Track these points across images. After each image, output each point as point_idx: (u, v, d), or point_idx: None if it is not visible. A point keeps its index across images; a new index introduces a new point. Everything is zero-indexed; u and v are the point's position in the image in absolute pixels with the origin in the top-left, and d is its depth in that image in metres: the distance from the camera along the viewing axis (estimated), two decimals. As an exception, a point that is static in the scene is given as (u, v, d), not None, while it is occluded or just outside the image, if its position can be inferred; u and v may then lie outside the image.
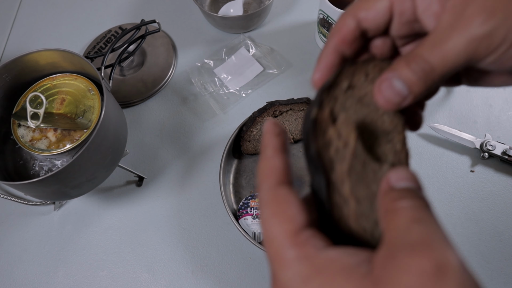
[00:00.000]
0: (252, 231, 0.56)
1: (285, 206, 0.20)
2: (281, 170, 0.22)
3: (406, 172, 0.21)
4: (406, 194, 0.20)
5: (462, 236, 0.57)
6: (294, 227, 0.19)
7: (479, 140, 0.62)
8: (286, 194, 0.21)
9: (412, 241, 0.17)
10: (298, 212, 0.20)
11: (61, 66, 0.57)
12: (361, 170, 0.23)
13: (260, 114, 0.62)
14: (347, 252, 0.19)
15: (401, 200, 0.19)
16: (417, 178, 0.21)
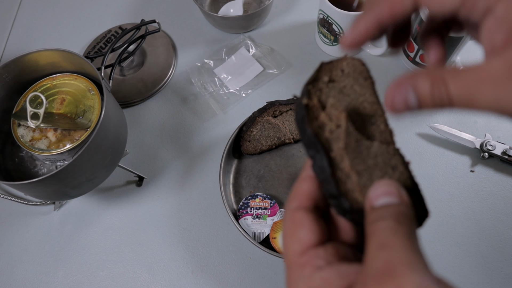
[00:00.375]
0: (252, 231, 0.56)
1: (298, 228, 0.23)
2: (305, 195, 0.25)
3: (384, 187, 0.22)
4: (382, 214, 0.21)
5: (462, 236, 0.57)
6: (301, 247, 0.23)
7: (479, 140, 0.62)
8: (301, 217, 0.24)
9: (378, 267, 0.19)
10: (306, 235, 0.23)
11: (61, 66, 0.57)
12: (356, 147, 0.25)
13: (260, 114, 0.62)
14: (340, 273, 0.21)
15: (375, 223, 0.21)
16: (396, 190, 0.22)
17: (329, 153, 0.25)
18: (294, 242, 0.23)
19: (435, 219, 0.59)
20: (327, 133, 0.25)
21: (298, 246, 0.23)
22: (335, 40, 0.69)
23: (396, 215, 0.21)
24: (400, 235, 0.20)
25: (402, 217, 0.21)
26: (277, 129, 0.62)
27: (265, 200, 0.59)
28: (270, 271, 0.57)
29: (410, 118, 0.66)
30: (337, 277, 0.21)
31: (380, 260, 0.19)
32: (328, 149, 0.25)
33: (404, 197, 0.22)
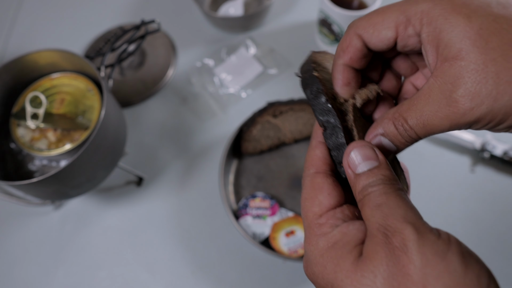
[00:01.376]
0: (252, 231, 0.56)
1: (317, 192, 0.25)
2: (320, 160, 0.26)
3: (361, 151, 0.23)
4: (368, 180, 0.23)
5: (462, 236, 0.57)
6: (320, 210, 0.24)
7: (480, 140, 0.62)
8: (320, 182, 0.25)
9: (378, 226, 0.21)
10: (325, 198, 0.25)
11: (61, 66, 0.57)
12: (359, 121, 0.27)
13: (260, 114, 0.62)
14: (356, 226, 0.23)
15: (364, 190, 0.23)
16: (374, 153, 0.23)
17: (344, 123, 0.26)
18: (314, 205, 0.25)
19: (435, 219, 0.59)
20: (338, 104, 0.27)
21: (318, 209, 0.24)
22: (335, 40, 0.69)
23: (382, 178, 0.22)
24: (391, 195, 0.22)
25: (387, 179, 0.22)
26: (277, 129, 0.62)
27: (265, 200, 0.59)
28: (270, 271, 0.57)
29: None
30: (354, 230, 0.22)
31: (378, 219, 0.21)
32: (342, 119, 0.26)
33: (382, 158, 0.23)
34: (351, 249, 0.22)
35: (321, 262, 0.22)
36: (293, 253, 0.54)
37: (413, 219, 0.20)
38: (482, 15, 0.20)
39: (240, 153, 0.64)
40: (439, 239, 0.20)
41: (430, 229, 0.20)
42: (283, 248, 0.55)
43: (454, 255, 0.19)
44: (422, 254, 0.19)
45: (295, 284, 0.56)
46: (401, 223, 0.20)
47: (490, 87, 0.20)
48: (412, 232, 0.19)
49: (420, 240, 0.19)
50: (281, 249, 0.55)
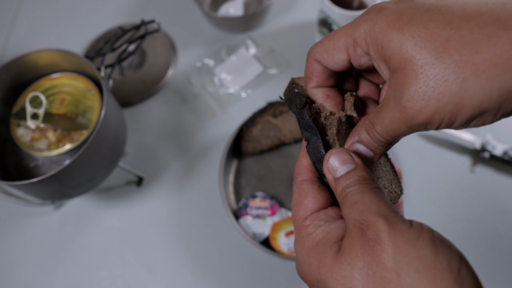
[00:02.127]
0: (252, 231, 0.56)
1: (303, 197, 0.27)
2: (306, 169, 0.28)
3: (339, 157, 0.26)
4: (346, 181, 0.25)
5: (462, 236, 0.57)
6: (305, 213, 0.27)
7: (480, 140, 0.62)
8: (305, 188, 0.28)
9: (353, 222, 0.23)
10: (309, 202, 0.27)
11: (61, 66, 0.57)
12: (345, 133, 0.29)
13: (260, 114, 0.62)
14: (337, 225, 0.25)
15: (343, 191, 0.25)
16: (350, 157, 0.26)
17: (324, 137, 0.28)
18: (300, 209, 0.27)
19: (435, 219, 0.59)
20: (322, 119, 0.28)
21: (303, 212, 0.27)
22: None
23: (358, 179, 0.25)
24: (366, 193, 0.24)
25: (363, 179, 0.25)
26: (277, 129, 0.62)
27: (265, 200, 0.59)
28: (270, 271, 0.57)
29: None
30: (335, 227, 0.25)
31: (354, 215, 0.23)
32: (323, 133, 0.28)
33: (358, 161, 0.26)
34: (331, 245, 0.24)
35: (308, 260, 0.24)
36: (293, 253, 0.54)
37: (386, 212, 0.22)
38: (413, 25, 0.22)
39: (240, 153, 0.64)
40: (410, 228, 0.21)
41: (401, 220, 0.22)
42: (283, 248, 0.55)
43: (425, 242, 0.20)
44: (394, 243, 0.20)
45: (295, 284, 0.56)
46: (374, 216, 0.22)
47: (431, 88, 0.21)
48: (384, 224, 0.21)
49: (392, 230, 0.21)
50: (281, 249, 0.55)
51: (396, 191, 0.30)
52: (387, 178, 0.30)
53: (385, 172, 0.30)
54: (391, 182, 0.30)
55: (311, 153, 0.28)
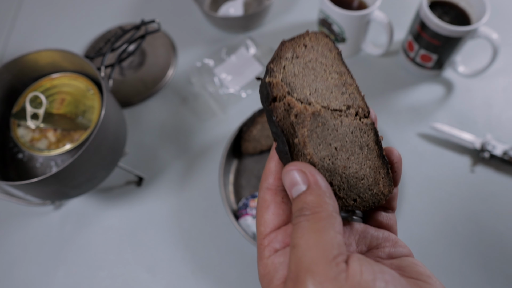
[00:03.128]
0: (252, 231, 0.56)
1: (264, 211, 0.25)
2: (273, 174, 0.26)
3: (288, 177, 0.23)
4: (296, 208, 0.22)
5: (462, 236, 0.57)
6: (265, 230, 0.25)
7: (480, 140, 0.62)
8: (268, 200, 0.25)
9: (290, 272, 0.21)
10: (269, 218, 0.25)
11: (61, 66, 0.57)
12: (321, 131, 0.25)
13: (260, 114, 0.62)
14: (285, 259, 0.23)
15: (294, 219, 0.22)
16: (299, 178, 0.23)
17: (293, 139, 0.24)
18: (260, 224, 0.25)
19: (435, 219, 0.59)
20: (292, 117, 0.24)
21: (263, 229, 0.25)
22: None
23: (304, 207, 0.22)
24: (306, 232, 0.21)
25: (309, 207, 0.22)
26: (277, 129, 0.62)
27: (265, 200, 0.58)
28: (270, 271, 0.57)
29: (411, 118, 0.66)
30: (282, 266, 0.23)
31: (292, 261, 0.21)
32: (291, 135, 0.24)
33: (311, 179, 0.22)
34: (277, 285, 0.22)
35: (262, 284, 0.24)
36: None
37: (318, 267, 0.20)
38: None
39: (240, 153, 0.64)
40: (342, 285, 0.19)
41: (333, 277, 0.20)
42: (283, 248, 0.55)
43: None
44: None
45: (295, 284, 0.56)
46: (304, 274, 0.20)
47: None
48: (311, 284, 0.20)
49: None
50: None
51: (384, 192, 0.27)
52: (374, 177, 0.26)
53: (372, 170, 0.26)
54: (378, 182, 0.27)
55: (280, 156, 0.25)
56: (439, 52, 0.64)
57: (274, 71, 0.25)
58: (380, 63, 0.72)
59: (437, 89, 0.69)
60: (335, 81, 0.27)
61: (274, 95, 0.24)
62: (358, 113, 0.27)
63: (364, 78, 0.71)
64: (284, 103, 0.24)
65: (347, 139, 0.26)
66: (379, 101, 0.68)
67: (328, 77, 0.27)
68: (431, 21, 0.59)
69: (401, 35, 0.73)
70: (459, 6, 0.64)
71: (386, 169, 0.27)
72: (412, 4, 0.77)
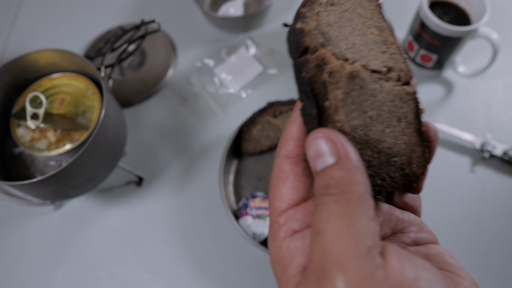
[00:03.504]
0: (252, 231, 0.56)
1: (281, 183, 0.22)
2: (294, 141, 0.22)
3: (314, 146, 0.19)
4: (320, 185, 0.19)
5: (462, 236, 0.57)
6: (281, 206, 0.21)
7: (480, 140, 0.62)
8: (286, 170, 0.22)
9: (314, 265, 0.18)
10: (287, 192, 0.21)
11: (61, 66, 0.57)
12: (357, 95, 0.21)
13: (260, 114, 0.62)
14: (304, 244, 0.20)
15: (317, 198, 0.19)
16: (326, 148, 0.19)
17: (323, 102, 0.20)
18: (276, 198, 0.22)
19: (435, 219, 0.59)
20: (325, 75, 0.20)
21: (279, 204, 0.21)
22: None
23: (331, 184, 0.18)
24: (333, 216, 0.18)
25: (337, 184, 0.18)
26: (277, 129, 0.62)
27: (265, 200, 0.59)
28: (270, 271, 0.57)
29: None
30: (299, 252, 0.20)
31: (316, 252, 0.18)
32: (322, 96, 0.20)
33: (342, 150, 0.18)
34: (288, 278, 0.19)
35: (274, 269, 0.21)
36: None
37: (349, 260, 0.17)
38: None
39: (240, 153, 0.64)
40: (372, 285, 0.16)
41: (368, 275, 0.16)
42: (283, 248, 0.55)
43: None
44: None
45: (295, 284, 0.56)
46: (332, 268, 0.17)
47: None
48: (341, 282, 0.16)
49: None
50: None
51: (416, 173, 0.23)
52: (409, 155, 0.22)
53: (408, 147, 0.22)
54: (412, 161, 0.22)
55: (305, 119, 0.21)
56: (439, 52, 0.64)
57: (307, 16, 0.21)
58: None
59: (437, 89, 0.69)
60: (374, 37, 0.23)
61: (306, 44, 0.20)
62: (400, 78, 0.23)
63: (364, 78, 0.71)
64: (317, 57, 0.20)
65: (384, 108, 0.22)
66: (379, 101, 0.68)
67: (366, 31, 0.23)
68: (431, 21, 0.59)
69: (401, 35, 0.73)
70: (459, 6, 0.64)
71: (422, 148, 0.23)
72: (412, 4, 0.77)
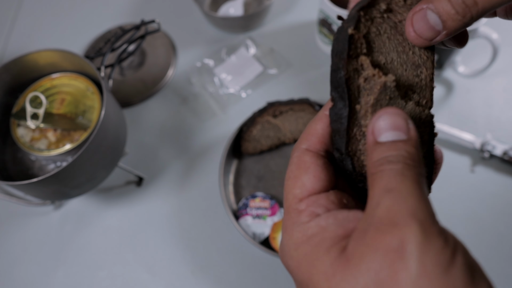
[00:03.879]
0: (252, 231, 0.56)
1: (302, 172, 0.22)
2: (317, 137, 0.23)
3: (392, 118, 0.19)
4: (390, 152, 0.19)
5: (462, 236, 0.57)
6: (301, 193, 0.22)
7: (480, 140, 0.62)
8: (308, 161, 0.22)
9: (381, 216, 0.17)
10: (309, 180, 0.22)
11: (61, 66, 0.57)
12: (386, 105, 0.22)
13: (260, 114, 0.62)
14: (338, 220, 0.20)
15: (380, 164, 0.19)
16: (405, 124, 0.19)
17: (354, 104, 0.21)
18: (296, 187, 0.22)
19: (435, 219, 0.58)
20: (361, 79, 0.21)
21: (299, 192, 0.22)
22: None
23: (404, 156, 0.19)
24: (408, 179, 0.18)
25: (410, 159, 0.19)
26: (277, 129, 0.62)
27: (265, 200, 0.59)
28: (270, 271, 0.57)
29: (410, 118, 0.66)
30: (335, 224, 0.20)
31: (383, 206, 0.18)
32: (354, 99, 0.21)
33: (413, 134, 0.19)
34: (328, 248, 0.19)
35: (296, 257, 0.20)
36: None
37: (423, 215, 0.17)
38: None
39: (240, 153, 0.64)
40: (445, 246, 0.17)
41: (438, 232, 0.17)
42: (283, 248, 0.55)
43: (459, 270, 0.16)
44: (422, 262, 0.16)
45: (295, 284, 0.56)
46: (407, 218, 0.17)
47: None
48: (417, 233, 0.16)
49: (424, 244, 0.16)
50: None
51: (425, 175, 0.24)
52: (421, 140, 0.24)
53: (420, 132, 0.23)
54: None
55: (333, 119, 0.22)
56: (439, 52, 0.64)
57: (361, 22, 0.22)
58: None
59: (437, 89, 0.69)
60: (414, 58, 0.23)
61: (351, 50, 0.21)
62: (421, 103, 0.24)
63: (364, 78, 0.71)
64: (357, 61, 0.21)
65: None
66: (379, 101, 0.68)
67: (409, 50, 0.23)
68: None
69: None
70: (459, 6, 0.64)
71: (430, 169, 0.24)
72: (412, 4, 0.77)
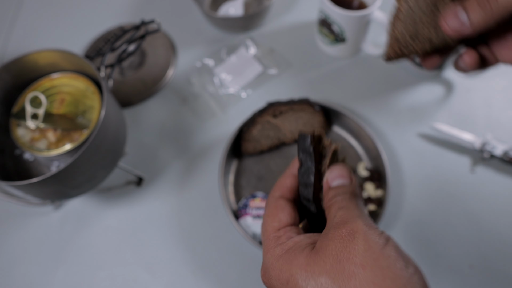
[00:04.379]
0: (252, 231, 0.56)
1: (279, 211, 0.30)
2: (287, 189, 0.32)
3: (339, 171, 0.30)
4: (338, 190, 0.29)
5: (462, 236, 0.57)
6: (279, 225, 0.30)
7: (480, 140, 0.62)
8: (282, 204, 0.31)
9: (337, 221, 0.27)
10: (284, 216, 0.30)
11: (61, 66, 0.57)
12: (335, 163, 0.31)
13: (260, 114, 0.62)
14: (307, 236, 0.28)
15: (333, 198, 0.29)
16: (348, 173, 0.30)
17: (318, 166, 0.30)
18: (275, 221, 0.30)
19: (435, 219, 0.59)
20: (321, 148, 0.31)
21: (277, 224, 0.30)
22: (335, 40, 0.69)
23: (349, 191, 0.29)
24: (352, 202, 0.28)
25: (353, 193, 0.29)
26: (277, 129, 0.62)
27: (265, 200, 0.59)
28: (270, 271, 0.57)
29: (411, 118, 0.66)
30: (305, 238, 0.28)
31: (338, 216, 0.27)
32: (318, 162, 0.30)
33: (354, 179, 0.30)
34: (303, 248, 0.26)
35: (277, 265, 0.27)
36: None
37: (364, 218, 0.26)
38: None
39: (240, 153, 0.64)
40: (381, 234, 0.25)
41: (376, 227, 0.26)
42: (283, 248, 0.55)
43: (391, 247, 0.24)
44: (366, 241, 0.24)
45: (295, 284, 0.56)
46: (354, 218, 0.26)
47: None
48: (361, 225, 0.25)
49: (367, 232, 0.25)
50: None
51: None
52: None
53: None
54: None
55: (301, 175, 0.30)
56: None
57: None
58: (380, 63, 0.72)
59: (437, 89, 0.69)
60: None
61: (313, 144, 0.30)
62: None
63: (364, 78, 0.71)
64: (318, 135, 0.31)
65: None
66: (379, 101, 0.68)
67: None
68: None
69: (401, 35, 0.73)
70: (459, 6, 0.64)
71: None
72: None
